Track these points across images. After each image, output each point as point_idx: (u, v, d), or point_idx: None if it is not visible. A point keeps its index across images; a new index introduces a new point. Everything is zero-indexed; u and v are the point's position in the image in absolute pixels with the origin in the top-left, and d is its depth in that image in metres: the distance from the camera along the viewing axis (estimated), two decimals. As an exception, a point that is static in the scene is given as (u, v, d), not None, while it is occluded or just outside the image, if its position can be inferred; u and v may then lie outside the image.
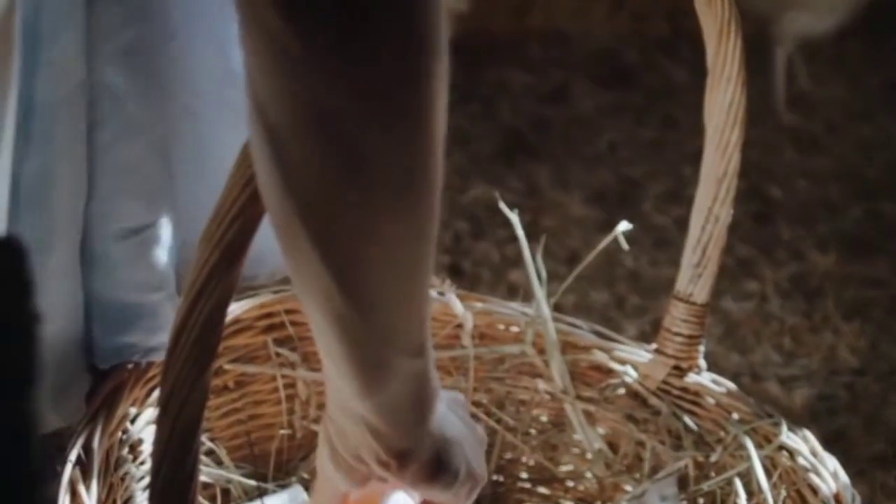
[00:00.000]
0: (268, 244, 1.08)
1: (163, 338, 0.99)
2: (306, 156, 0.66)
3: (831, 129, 2.78)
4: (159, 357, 1.01)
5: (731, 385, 1.18)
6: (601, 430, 1.20)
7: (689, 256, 1.14)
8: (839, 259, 2.31)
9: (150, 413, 1.04)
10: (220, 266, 0.73)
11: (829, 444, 1.14)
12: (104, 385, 1.04)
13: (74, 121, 0.96)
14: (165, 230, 1.01)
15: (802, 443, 1.10)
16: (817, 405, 1.93)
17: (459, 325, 1.19)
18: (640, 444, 1.17)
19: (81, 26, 0.94)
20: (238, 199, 0.74)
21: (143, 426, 1.04)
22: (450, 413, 0.88)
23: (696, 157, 1.14)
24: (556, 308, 1.24)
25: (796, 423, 1.14)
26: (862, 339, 2.11)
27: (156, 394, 1.03)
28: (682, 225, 1.19)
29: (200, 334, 0.73)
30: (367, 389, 0.78)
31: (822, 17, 2.78)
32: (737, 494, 1.11)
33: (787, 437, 1.11)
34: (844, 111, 2.85)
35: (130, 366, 1.03)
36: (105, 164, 0.98)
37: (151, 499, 0.73)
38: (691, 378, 1.18)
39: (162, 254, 1.01)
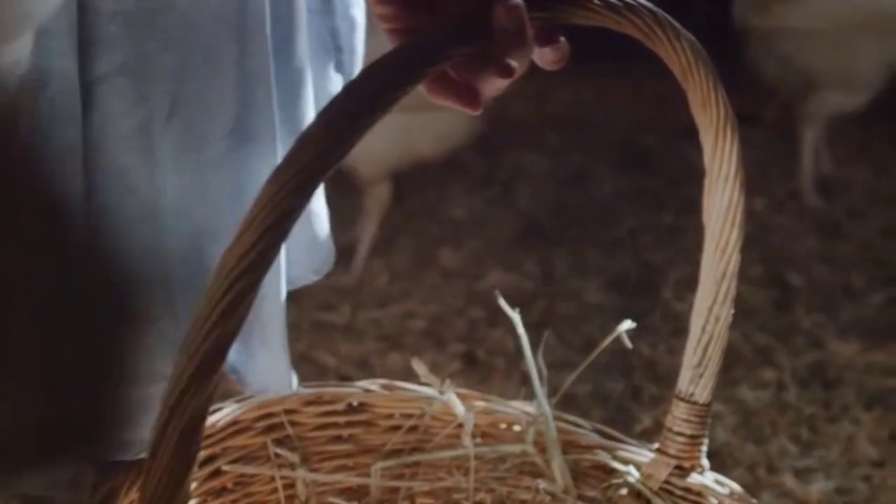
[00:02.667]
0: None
1: None
2: None
3: (854, 213, 2.77)
4: None
5: (735, 486, 1.17)
6: (604, 531, 1.19)
7: (689, 357, 1.13)
8: (860, 347, 2.29)
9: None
10: (197, 376, 0.73)
11: (846, 539, 1.12)
12: (100, 487, 1.04)
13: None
14: (174, 315, 1.00)
15: (805, 549, 1.09)
16: (835, 498, 1.90)
17: (460, 425, 1.18)
18: (643, 545, 1.16)
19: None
20: (216, 309, 0.74)
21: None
22: None
23: (716, 243, 1.13)
24: (570, 398, 1.23)
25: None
26: (882, 429, 2.09)
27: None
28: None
29: (178, 444, 0.73)
30: None
31: (850, 96, 2.79)
32: None
33: (790, 542, 1.09)
34: (867, 195, 2.84)
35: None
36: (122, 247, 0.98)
37: None
38: (694, 478, 1.17)
39: (174, 340, 0.99)
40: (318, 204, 1.14)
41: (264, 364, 1.07)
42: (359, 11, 1.16)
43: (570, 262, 2.52)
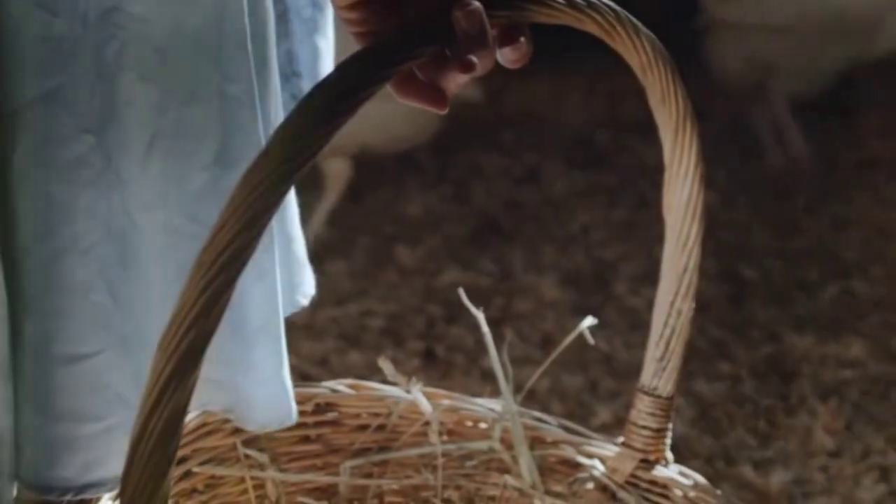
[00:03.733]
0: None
1: (99, 473, 0.96)
2: None
3: (806, 208, 2.80)
4: (95, 494, 0.97)
5: (699, 478, 1.18)
6: (570, 525, 1.20)
7: (652, 350, 1.14)
8: (815, 340, 2.32)
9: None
10: (175, 375, 0.74)
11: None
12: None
13: None
14: (117, 355, 0.96)
15: (769, 538, 1.10)
16: (793, 489, 1.92)
17: (427, 423, 1.19)
18: (610, 538, 1.17)
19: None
20: (193, 308, 0.74)
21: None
22: None
23: (670, 239, 1.14)
24: (530, 393, 1.24)
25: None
26: (838, 420, 2.11)
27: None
28: (657, 307, 1.19)
29: (157, 444, 0.73)
30: None
31: (804, 92, 2.82)
32: (706, 590, 1.10)
33: (755, 532, 1.11)
34: (819, 190, 2.87)
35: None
36: (50, 279, 0.93)
37: None
38: (659, 471, 1.18)
39: (109, 380, 0.95)
40: (299, 260, 1.12)
41: (262, 402, 1.01)
42: (323, 40, 1.12)
43: (526, 258, 2.53)
